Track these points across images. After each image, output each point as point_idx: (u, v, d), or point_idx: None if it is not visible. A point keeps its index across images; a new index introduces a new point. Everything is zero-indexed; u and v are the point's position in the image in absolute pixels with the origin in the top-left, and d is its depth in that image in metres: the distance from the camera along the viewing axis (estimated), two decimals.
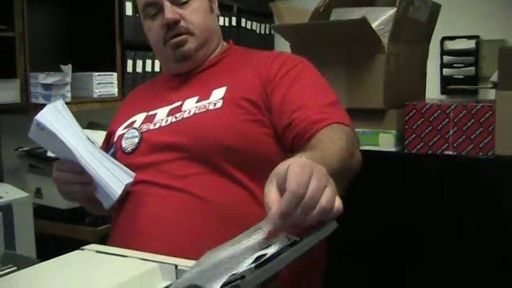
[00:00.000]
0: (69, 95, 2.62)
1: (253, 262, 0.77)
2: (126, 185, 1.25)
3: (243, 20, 4.00)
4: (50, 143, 1.25)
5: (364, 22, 1.63)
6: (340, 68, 1.77)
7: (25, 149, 2.58)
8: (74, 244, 1.09)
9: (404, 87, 1.86)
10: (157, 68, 3.10)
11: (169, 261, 0.95)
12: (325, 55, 1.75)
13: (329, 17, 1.87)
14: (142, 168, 1.28)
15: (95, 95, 2.81)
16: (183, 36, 1.37)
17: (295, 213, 0.82)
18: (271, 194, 0.86)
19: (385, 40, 1.72)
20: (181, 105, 1.34)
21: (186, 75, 1.42)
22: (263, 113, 1.29)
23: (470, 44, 3.75)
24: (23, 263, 1.01)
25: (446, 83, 3.76)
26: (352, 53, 1.76)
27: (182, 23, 1.36)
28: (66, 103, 1.28)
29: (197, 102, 1.32)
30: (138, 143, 1.32)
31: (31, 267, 0.97)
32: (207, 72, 1.42)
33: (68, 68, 2.59)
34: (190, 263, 0.90)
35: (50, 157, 2.21)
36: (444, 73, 3.79)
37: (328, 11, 1.87)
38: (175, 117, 1.32)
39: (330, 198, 0.85)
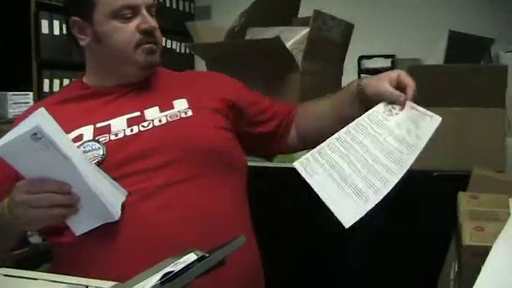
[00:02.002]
0: None
1: (160, 279, 0.78)
2: (123, 203, 1.19)
3: (163, 39, 3.99)
4: (34, 159, 1.08)
5: (277, 41, 1.67)
6: (257, 86, 1.80)
7: None
8: None
9: None
10: None
11: (80, 282, 0.94)
12: (241, 73, 1.77)
13: (244, 36, 1.91)
14: (119, 179, 1.25)
15: (9, 115, 2.74)
16: (156, 46, 1.42)
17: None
18: (394, 90, 1.31)
19: (299, 59, 1.77)
20: (142, 115, 1.35)
21: (123, 88, 1.42)
22: (226, 121, 1.41)
23: (387, 63, 3.90)
24: None
25: None
26: (267, 71, 1.80)
27: (156, 34, 1.42)
28: None
29: (161, 111, 1.35)
30: (103, 155, 1.28)
31: None
32: (151, 85, 1.44)
33: None
34: (102, 283, 0.90)
35: None
36: None
37: (243, 30, 1.91)
38: (143, 125, 1.33)
39: None
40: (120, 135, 1.31)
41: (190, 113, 1.36)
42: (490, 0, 4.13)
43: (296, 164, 1.22)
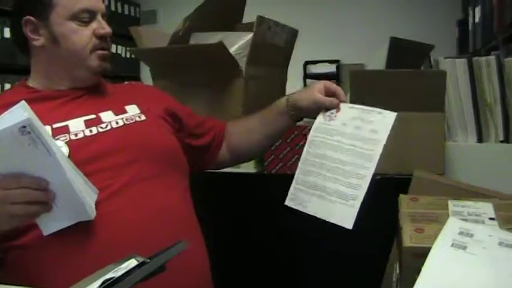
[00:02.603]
0: None
1: (100, 285, 0.77)
2: (96, 202, 1.18)
3: None
4: (15, 154, 1.02)
5: (220, 46, 1.67)
6: (201, 92, 1.81)
7: None
8: None
9: None
10: None
11: None
12: (186, 78, 1.78)
13: (189, 40, 1.90)
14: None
15: None
16: (109, 52, 1.44)
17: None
18: (326, 97, 1.46)
19: (243, 64, 1.77)
20: (98, 117, 1.37)
21: (75, 91, 1.42)
22: (172, 129, 1.49)
23: (332, 68, 3.96)
24: None
25: None
26: (211, 76, 1.80)
27: (109, 41, 1.44)
28: None
29: (116, 115, 1.39)
30: (67, 152, 1.26)
31: None
32: (101, 91, 1.48)
33: None
34: None
35: None
36: None
37: (187, 35, 1.90)
38: (101, 127, 1.35)
39: None
40: (80, 135, 1.32)
41: (143, 117, 1.42)
42: (430, 8, 4.24)
43: (288, 203, 1.36)
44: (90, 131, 1.34)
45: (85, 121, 1.35)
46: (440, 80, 1.71)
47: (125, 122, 1.39)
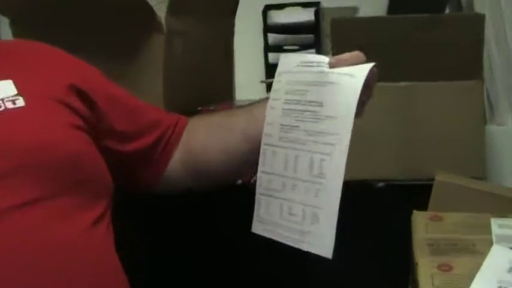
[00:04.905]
0: None
1: None
2: None
3: None
4: None
5: None
6: (100, 59, 1.76)
7: None
8: None
9: (201, 83, 1.94)
10: None
11: None
12: (73, 40, 1.75)
13: None
14: None
15: None
16: None
17: None
18: None
19: (162, 14, 1.77)
20: None
21: None
22: (80, 119, 1.40)
23: (307, 15, 3.95)
24: None
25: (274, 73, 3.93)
26: (114, 36, 1.80)
27: None
28: None
29: None
30: None
31: None
32: None
33: None
34: None
35: None
36: (270, 59, 3.97)
37: None
38: None
39: None
40: None
41: (21, 102, 1.35)
42: None
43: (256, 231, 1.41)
44: None
45: None
46: (475, 28, 1.74)
47: None
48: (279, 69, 1.43)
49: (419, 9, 1.84)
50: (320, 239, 1.28)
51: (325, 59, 1.33)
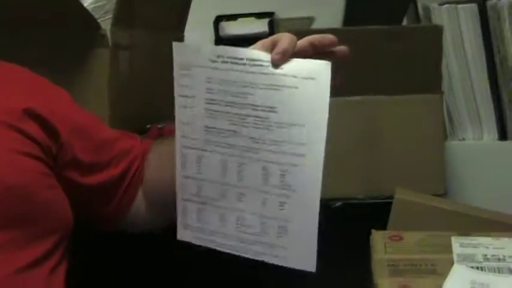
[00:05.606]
0: None
1: None
2: None
3: None
4: None
5: None
6: (45, 74, 1.75)
7: None
8: None
9: (148, 99, 1.92)
10: None
11: None
12: (10, 54, 1.72)
13: None
14: None
15: None
16: None
17: None
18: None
19: (107, 26, 1.75)
20: None
21: None
22: (35, 146, 1.33)
23: (261, 26, 3.96)
24: None
25: None
26: (54, 49, 1.76)
27: None
28: None
29: None
30: None
31: None
32: None
33: None
34: None
35: None
36: None
37: None
38: None
39: None
40: None
41: None
42: None
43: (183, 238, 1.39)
44: None
45: None
46: (433, 40, 1.74)
47: None
48: (182, 60, 1.33)
49: (375, 21, 1.84)
50: (295, 253, 1.26)
51: (263, 56, 1.25)
